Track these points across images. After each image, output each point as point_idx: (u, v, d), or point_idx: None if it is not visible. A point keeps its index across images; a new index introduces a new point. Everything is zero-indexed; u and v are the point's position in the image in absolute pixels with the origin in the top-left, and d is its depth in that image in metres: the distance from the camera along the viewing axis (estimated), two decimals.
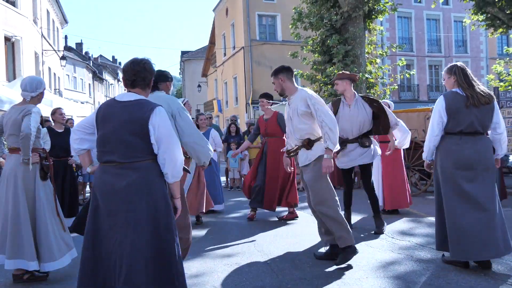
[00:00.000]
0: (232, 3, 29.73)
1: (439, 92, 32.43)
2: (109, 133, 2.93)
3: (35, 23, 21.35)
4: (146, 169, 2.91)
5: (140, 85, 3.07)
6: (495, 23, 16.43)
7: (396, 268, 4.44)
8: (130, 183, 2.85)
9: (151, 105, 2.96)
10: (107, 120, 2.96)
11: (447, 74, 4.43)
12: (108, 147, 2.93)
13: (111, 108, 3.01)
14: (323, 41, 15.73)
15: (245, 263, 4.77)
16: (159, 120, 2.92)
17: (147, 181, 2.90)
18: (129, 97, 3.02)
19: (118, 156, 2.89)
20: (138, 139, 2.88)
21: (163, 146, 2.92)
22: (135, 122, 2.89)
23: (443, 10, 31.63)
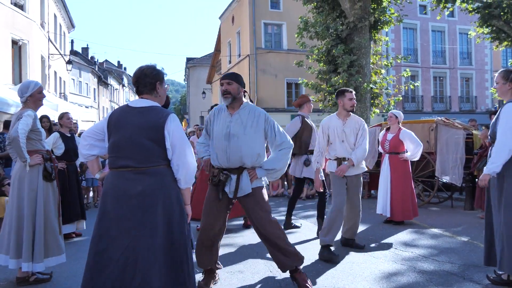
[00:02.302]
0: (238, 11, 29.87)
1: (443, 104, 32.43)
2: (125, 138, 2.95)
3: (42, 27, 21.48)
4: (161, 174, 2.95)
5: (145, 91, 3.11)
6: (500, 36, 16.47)
7: (399, 279, 4.43)
8: (146, 188, 2.88)
9: (165, 112, 3.02)
10: (121, 126, 2.99)
11: (503, 79, 4.08)
12: (124, 153, 2.94)
13: (125, 114, 3.04)
14: (329, 50, 15.79)
15: (249, 271, 4.77)
16: (174, 126, 2.97)
17: (163, 186, 2.94)
18: (142, 103, 3.06)
19: (134, 161, 2.91)
20: (154, 144, 2.92)
21: (177, 152, 2.96)
22: (152, 128, 2.93)
23: (449, 22, 31.70)
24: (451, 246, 5.77)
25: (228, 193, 3.97)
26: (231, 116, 4.00)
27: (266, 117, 4.06)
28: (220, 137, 3.95)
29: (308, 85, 16.82)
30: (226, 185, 3.96)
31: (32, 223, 4.27)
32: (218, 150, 3.96)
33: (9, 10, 17.18)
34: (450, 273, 4.56)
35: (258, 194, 3.99)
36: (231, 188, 3.96)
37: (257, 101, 26.97)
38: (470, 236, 6.39)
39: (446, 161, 8.77)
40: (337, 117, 5.48)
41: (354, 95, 5.50)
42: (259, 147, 3.98)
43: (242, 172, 3.95)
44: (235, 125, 3.94)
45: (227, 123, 3.97)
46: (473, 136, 9.11)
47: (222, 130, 3.96)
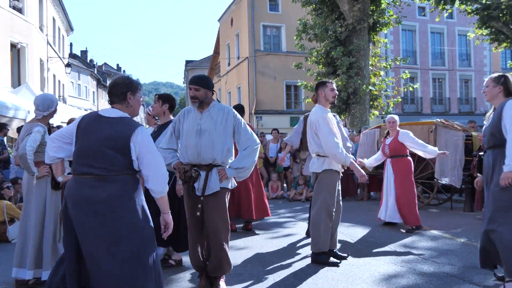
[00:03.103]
0: (237, 13, 29.90)
1: (442, 105, 32.46)
2: (90, 146, 2.97)
3: (41, 30, 21.48)
4: (123, 182, 2.96)
5: (115, 101, 3.12)
6: (499, 37, 16.50)
7: (398, 281, 4.42)
8: (110, 195, 2.89)
9: (133, 124, 3.03)
10: (89, 133, 3.01)
11: (494, 82, 4.08)
12: (87, 160, 2.96)
13: (94, 122, 3.07)
14: (328, 52, 15.81)
15: (247, 273, 4.76)
16: (141, 138, 2.98)
17: (126, 192, 2.96)
18: (112, 113, 3.09)
19: (98, 170, 2.92)
20: (119, 155, 2.94)
21: (145, 162, 2.98)
22: (118, 138, 2.95)
23: (447, 23, 31.74)
24: (450, 248, 5.76)
25: (196, 190, 3.99)
26: (201, 114, 4.04)
27: (234, 114, 4.11)
28: (191, 134, 3.99)
29: (307, 87, 16.84)
30: (196, 181, 3.97)
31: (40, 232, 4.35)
32: (188, 147, 3.99)
33: (7, 13, 17.18)
34: (450, 275, 4.55)
35: (221, 196, 4.02)
36: (199, 185, 3.97)
37: (256, 103, 26.98)
38: (469, 237, 6.37)
39: (445, 163, 8.75)
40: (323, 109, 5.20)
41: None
42: (229, 143, 4.04)
43: (211, 169, 3.98)
44: (206, 121, 3.99)
45: (198, 120, 4.02)
46: (473, 138, 9.10)
47: (193, 127, 4.00)
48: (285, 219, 8.42)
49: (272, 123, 23.91)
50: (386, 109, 17.66)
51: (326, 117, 5.06)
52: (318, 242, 5.03)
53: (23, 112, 11.10)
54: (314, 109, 5.24)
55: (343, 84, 15.08)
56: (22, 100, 12.43)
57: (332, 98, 5.20)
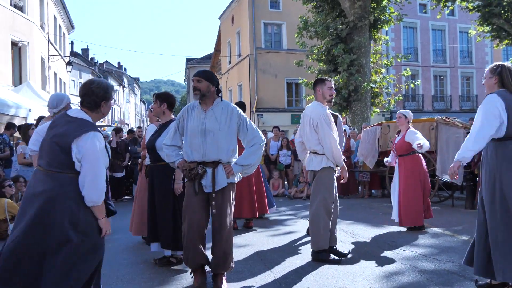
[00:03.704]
0: (238, 11, 29.88)
1: (443, 103, 32.43)
2: (45, 140, 3.09)
3: (42, 28, 21.48)
4: (63, 181, 2.96)
5: (86, 106, 3.15)
6: (500, 34, 16.48)
7: (399, 278, 4.42)
8: (45, 190, 2.94)
9: (88, 128, 3.01)
10: (50, 128, 3.13)
11: (490, 73, 3.97)
12: (41, 153, 3.10)
13: (58, 118, 3.16)
14: (328, 50, 15.80)
15: (248, 271, 4.76)
16: (89, 143, 2.96)
17: (60, 192, 2.94)
18: (76, 114, 3.13)
19: (45, 163, 3.02)
20: (62, 153, 2.97)
21: (84, 170, 2.96)
22: (64, 137, 2.98)
23: (449, 20, 31.68)
24: (451, 245, 5.75)
25: (204, 187, 3.99)
26: (205, 113, 4.03)
27: (238, 113, 4.12)
28: (196, 133, 3.99)
29: (308, 85, 16.82)
30: (203, 178, 3.98)
31: None
32: (193, 147, 3.99)
33: (8, 12, 17.18)
34: (451, 272, 4.54)
35: (228, 191, 4.05)
36: (207, 182, 3.98)
37: (257, 101, 26.97)
38: (471, 235, 6.36)
39: (446, 160, 8.75)
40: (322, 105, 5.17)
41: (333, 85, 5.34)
42: (234, 142, 4.07)
43: (217, 166, 3.99)
44: (210, 121, 3.98)
45: (202, 119, 4.01)
46: None
47: (198, 127, 3.99)
48: (286, 217, 8.43)
49: (273, 121, 23.92)
50: (387, 106, 17.65)
51: (328, 115, 5.04)
52: (318, 240, 5.03)
53: (24, 111, 11.11)
54: (313, 106, 5.19)
55: (344, 82, 15.06)
56: (23, 99, 12.44)
57: (329, 96, 5.18)
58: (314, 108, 5.15)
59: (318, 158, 5.11)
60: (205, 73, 4.10)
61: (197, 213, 4.02)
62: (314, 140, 5.10)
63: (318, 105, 5.17)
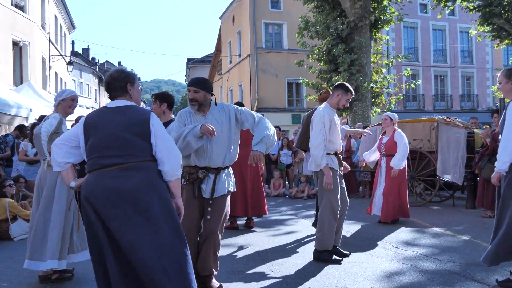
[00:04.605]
0: (239, 11, 29.88)
1: (444, 102, 32.42)
2: (107, 137, 2.90)
3: (43, 28, 21.49)
4: (149, 169, 2.91)
5: (117, 95, 3.07)
6: (501, 34, 16.48)
7: (400, 278, 4.42)
8: (137, 184, 2.83)
9: (145, 109, 3.05)
10: (102, 126, 2.94)
11: (506, 78, 4.00)
12: (107, 151, 2.88)
13: (104, 114, 3.01)
14: (329, 50, 15.80)
15: (249, 271, 4.76)
16: (156, 121, 2.98)
17: (154, 180, 2.91)
18: (120, 103, 3.04)
19: (120, 158, 2.86)
20: (139, 139, 2.90)
21: (160, 145, 2.94)
22: (136, 124, 2.92)
23: (449, 20, 31.67)
24: (452, 245, 5.76)
25: (203, 192, 3.98)
26: (205, 117, 4.01)
27: (233, 107, 4.13)
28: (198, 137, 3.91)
29: (308, 85, 16.83)
30: (203, 183, 3.96)
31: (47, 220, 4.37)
32: (199, 151, 3.94)
33: (9, 12, 17.19)
34: (452, 272, 4.55)
35: (225, 199, 4.04)
36: (207, 187, 3.97)
37: (258, 101, 26.97)
38: (471, 235, 6.37)
39: (447, 160, 8.75)
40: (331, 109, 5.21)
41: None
42: (234, 142, 4.09)
43: (219, 172, 4.00)
44: (212, 124, 3.91)
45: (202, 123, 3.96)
46: (475, 135, 9.09)
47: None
48: (287, 217, 8.43)
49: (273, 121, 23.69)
50: (388, 106, 17.65)
51: (324, 116, 5.02)
52: (322, 240, 5.05)
53: (25, 110, 11.11)
54: (323, 108, 5.19)
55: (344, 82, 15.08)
56: (24, 98, 12.45)
57: (342, 105, 5.23)
58: (319, 109, 5.18)
59: None
60: (201, 83, 4.04)
61: (190, 219, 3.94)
62: None
63: (325, 107, 5.18)
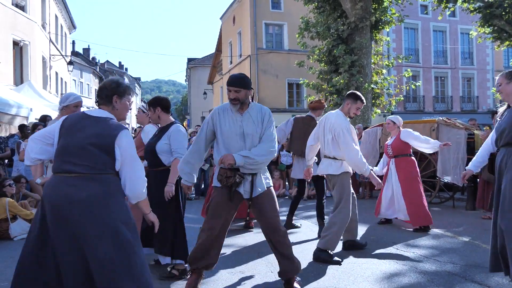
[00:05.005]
0: (239, 11, 29.89)
1: (444, 104, 32.42)
2: (74, 143, 2.90)
3: (43, 28, 21.51)
4: (107, 182, 2.89)
5: (102, 102, 3.08)
6: (501, 35, 16.47)
7: (400, 279, 4.42)
8: (91, 195, 2.80)
9: (119, 125, 2.99)
10: (73, 131, 2.95)
11: (507, 79, 3.92)
12: (70, 158, 2.88)
13: (80, 120, 3.01)
14: (330, 50, 15.80)
15: (250, 272, 4.77)
16: (126, 141, 2.94)
17: (108, 194, 2.87)
18: (98, 113, 3.05)
19: (81, 168, 2.84)
20: (103, 153, 2.88)
21: (125, 168, 2.94)
22: (103, 137, 2.90)
23: (450, 22, 31.67)
24: (452, 247, 5.76)
25: (242, 194, 3.89)
26: (242, 115, 3.90)
27: (269, 118, 4.01)
28: (233, 137, 3.85)
29: (309, 86, 16.83)
30: (239, 186, 3.87)
31: None
32: (232, 151, 3.81)
33: (10, 11, 17.21)
34: (452, 274, 4.55)
35: (269, 194, 3.94)
36: (245, 188, 3.88)
37: (259, 101, 26.97)
38: (471, 236, 6.37)
39: (447, 161, 8.75)
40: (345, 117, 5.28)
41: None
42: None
43: (256, 172, 3.89)
44: (248, 124, 3.86)
45: (239, 122, 3.88)
46: (475, 136, 9.09)
47: (235, 130, 3.86)
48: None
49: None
50: (388, 107, 17.65)
51: (349, 127, 5.16)
52: (328, 240, 5.10)
53: (25, 110, 11.12)
54: (337, 115, 5.23)
55: (345, 82, 15.07)
56: (24, 98, 12.45)
57: (352, 114, 5.31)
58: (337, 118, 5.21)
59: (338, 163, 5.22)
60: (242, 81, 3.91)
61: (220, 219, 3.91)
62: (334, 146, 5.19)
63: (342, 115, 5.25)
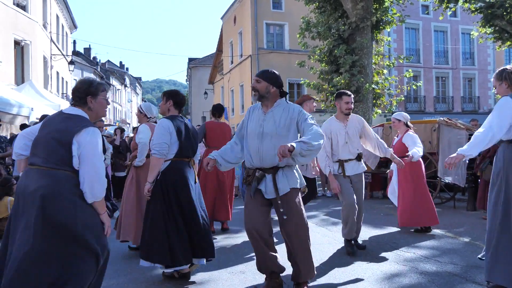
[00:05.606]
0: (240, 11, 29.88)
1: (445, 104, 32.40)
2: (41, 137, 3.03)
3: (44, 27, 21.52)
4: (59, 178, 2.91)
5: (77, 105, 3.16)
6: (503, 36, 16.45)
7: (400, 280, 4.42)
8: (38, 188, 2.87)
9: (86, 123, 3.03)
10: (44, 126, 3.08)
11: (498, 81, 3.96)
12: (35, 151, 3.03)
13: (53, 117, 3.15)
14: (331, 51, 15.77)
15: (250, 272, 4.77)
16: (88, 138, 2.96)
17: (55, 190, 2.88)
18: (71, 111, 3.13)
19: (40, 160, 2.95)
20: (61, 148, 2.92)
21: (83, 165, 2.94)
22: (64, 132, 2.95)
23: (451, 22, 31.65)
24: (453, 247, 5.76)
25: (264, 193, 3.86)
26: (265, 115, 3.92)
27: (299, 110, 3.93)
28: (253, 136, 3.88)
29: (310, 86, 16.81)
30: (260, 183, 3.85)
31: None
32: (252, 151, 3.87)
33: (11, 11, 17.23)
34: (453, 274, 4.55)
35: (293, 197, 3.86)
36: (267, 188, 3.85)
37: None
38: (472, 236, 6.37)
39: None
40: (337, 120, 5.56)
41: (352, 99, 5.55)
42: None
43: (277, 171, 3.84)
44: (268, 124, 3.85)
45: (261, 121, 3.90)
46: None
47: (256, 129, 3.89)
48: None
49: None
50: (389, 107, 17.63)
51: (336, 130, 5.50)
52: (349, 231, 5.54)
53: (26, 109, 11.12)
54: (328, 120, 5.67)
55: (346, 83, 15.06)
56: (25, 97, 12.46)
57: (346, 110, 5.51)
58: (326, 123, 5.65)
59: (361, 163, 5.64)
60: (265, 73, 3.98)
61: (254, 219, 3.91)
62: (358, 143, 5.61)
63: (333, 120, 5.63)
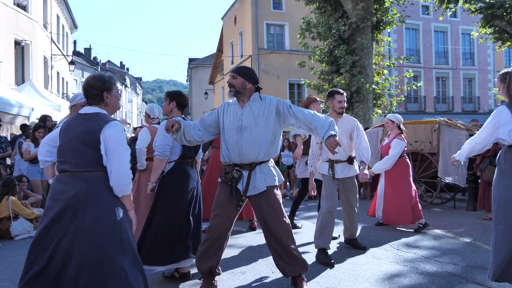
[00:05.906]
0: (241, 11, 29.88)
1: (445, 104, 32.39)
2: (65, 143, 2.99)
3: (45, 27, 21.53)
4: (94, 181, 2.91)
5: (91, 102, 3.12)
6: (503, 36, 16.46)
7: (401, 280, 4.42)
8: (77, 193, 2.86)
9: (106, 118, 3.01)
10: (66, 132, 3.04)
11: (502, 83, 3.93)
12: (64, 157, 2.98)
13: (72, 120, 3.09)
14: (331, 51, 15.78)
15: (251, 272, 4.77)
16: (112, 132, 2.95)
17: (93, 192, 2.89)
18: (88, 110, 3.09)
19: (71, 166, 2.93)
20: (89, 149, 2.91)
21: (110, 158, 2.93)
22: (88, 133, 2.94)
23: (451, 22, 31.65)
24: (453, 247, 5.76)
25: (241, 191, 3.87)
26: (242, 109, 3.90)
27: (277, 100, 3.96)
28: (231, 130, 3.85)
29: (310, 86, 16.81)
30: (239, 182, 3.85)
31: None
32: (229, 145, 3.84)
33: (12, 11, 17.23)
34: (453, 274, 4.55)
35: (271, 195, 3.88)
36: (243, 185, 3.84)
37: None
38: (472, 237, 6.37)
39: (448, 162, 8.72)
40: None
41: (345, 97, 5.52)
42: (271, 136, 3.89)
43: (254, 168, 3.83)
44: (247, 117, 3.83)
45: (239, 116, 3.87)
46: None
47: (234, 123, 3.86)
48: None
49: None
50: (389, 108, 17.64)
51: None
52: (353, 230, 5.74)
53: (26, 110, 11.13)
54: None
55: (346, 83, 15.07)
56: (25, 98, 12.47)
57: (339, 109, 5.47)
58: None
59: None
60: (241, 69, 4.01)
61: (222, 218, 3.90)
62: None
63: None
